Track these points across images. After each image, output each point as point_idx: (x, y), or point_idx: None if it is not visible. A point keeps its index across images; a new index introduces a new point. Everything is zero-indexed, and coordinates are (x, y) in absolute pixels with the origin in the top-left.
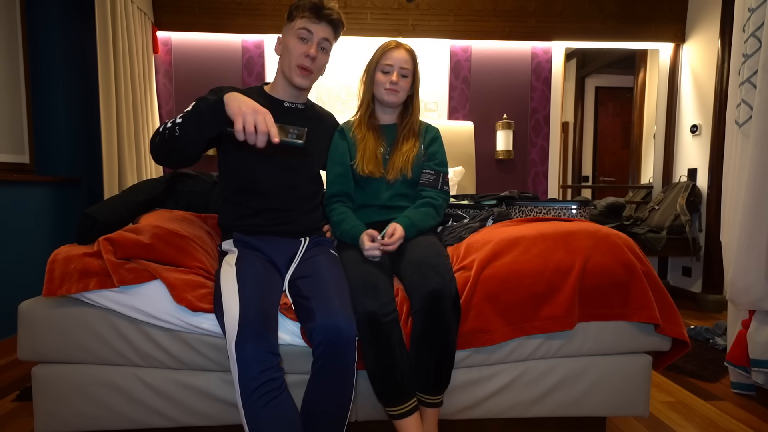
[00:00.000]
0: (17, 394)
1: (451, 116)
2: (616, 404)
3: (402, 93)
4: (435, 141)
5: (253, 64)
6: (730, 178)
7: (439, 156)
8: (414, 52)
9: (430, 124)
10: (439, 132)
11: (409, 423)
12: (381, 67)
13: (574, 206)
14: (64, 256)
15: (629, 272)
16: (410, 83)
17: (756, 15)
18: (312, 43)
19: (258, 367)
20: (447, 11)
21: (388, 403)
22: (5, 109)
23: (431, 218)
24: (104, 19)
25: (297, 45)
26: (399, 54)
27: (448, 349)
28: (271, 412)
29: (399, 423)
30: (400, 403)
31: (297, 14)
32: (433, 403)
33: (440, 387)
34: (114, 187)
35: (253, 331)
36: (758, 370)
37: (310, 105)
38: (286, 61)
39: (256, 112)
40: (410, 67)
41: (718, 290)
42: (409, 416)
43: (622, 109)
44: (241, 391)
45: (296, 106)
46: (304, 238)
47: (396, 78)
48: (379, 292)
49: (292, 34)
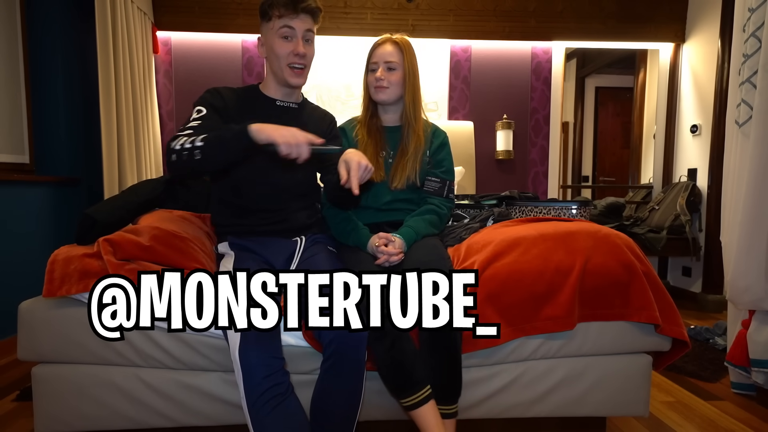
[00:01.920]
0: (17, 394)
1: (451, 116)
2: (616, 404)
3: (392, 88)
4: (443, 148)
5: (253, 64)
6: (730, 178)
7: (446, 164)
8: (405, 43)
9: (438, 127)
10: (447, 137)
11: (424, 412)
12: (369, 66)
13: (574, 206)
14: (64, 257)
15: (629, 272)
16: (401, 77)
17: (756, 15)
18: (297, 39)
19: (263, 372)
20: (447, 11)
21: (401, 395)
22: (5, 109)
23: (434, 227)
24: (104, 19)
25: (282, 45)
26: (383, 48)
27: (455, 354)
28: (277, 417)
29: (415, 413)
30: (412, 393)
31: (273, 12)
32: (447, 413)
33: (453, 394)
34: (114, 187)
35: (256, 337)
36: (758, 370)
37: (304, 103)
38: (275, 63)
39: (295, 137)
40: (397, 59)
41: (718, 290)
42: (423, 405)
43: (622, 109)
44: (246, 397)
45: (289, 105)
46: (300, 237)
47: (381, 74)
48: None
49: (273, 34)
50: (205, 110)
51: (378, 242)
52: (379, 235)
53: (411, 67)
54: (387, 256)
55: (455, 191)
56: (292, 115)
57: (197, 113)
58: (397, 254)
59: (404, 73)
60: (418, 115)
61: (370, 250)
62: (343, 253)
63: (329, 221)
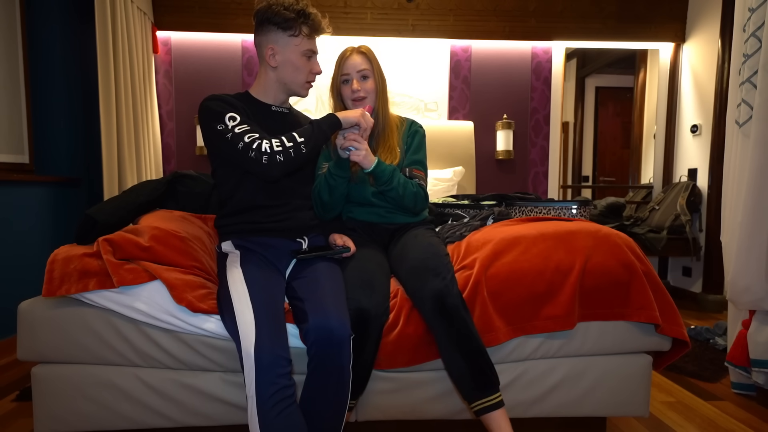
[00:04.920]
0: (17, 394)
1: (451, 116)
2: (616, 404)
3: (370, 96)
4: (413, 136)
5: (253, 64)
6: (731, 178)
7: (417, 156)
8: (368, 50)
9: (414, 122)
10: (422, 129)
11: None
12: (341, 79)
13: (575, 206)
14: (63, 257)
15: (629, 272)
16: (374, 83)
17: (756, 15)
18: (315, 60)
19: (275, 371)
20: (447, 11)
21: (485, 393)
22: (5, 109)
23: (412, 190)
24: (104, 19)
25: (305, 64)
26: (352, 60)
27: (475, 342)
28: (284, 421)
29: (495, 416)
30: (495, 391)
31: (302, 30)
32: (491, 404)
33: (487, 381)
34: (114, 187)
35: (271, 336)
36: (758, 370)
37: (292, 109)
38: (291, 77)
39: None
40: (367, 66)
41: (718, 290)
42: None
43: (622, 109)
44: (257, 396)
45: (282, 110)
46: (303, 238)
47: (357, 85)
48: (374, 290)
49: (296, 51)
50: (239, 116)
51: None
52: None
53: (379, 73)
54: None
55: (455, 191)
56: (287, 119)
57: (232, 120)
58: (362, 146)
59: (375, 80)
60: (387, 114)
61: (339, 146)
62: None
63: (314, 199)
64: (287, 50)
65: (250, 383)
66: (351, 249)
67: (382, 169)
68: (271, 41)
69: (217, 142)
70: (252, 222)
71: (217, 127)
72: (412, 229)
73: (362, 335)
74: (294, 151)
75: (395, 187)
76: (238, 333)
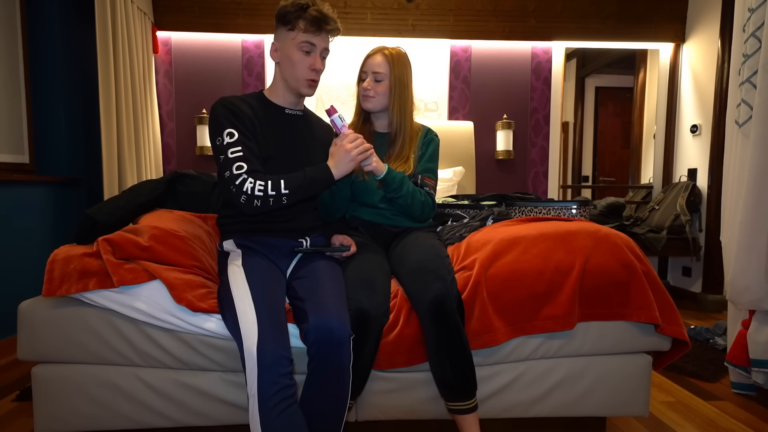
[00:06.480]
0: (17, 394)
1: (451, 116)
2: (616, 404)
3: (378, 98)
4: (429, 145)
5: (253, 64)
6: (730, 178)
7: (429, 164)
8: (395, 54)
9: (430, 129)
10: (437, 138)
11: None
12: (360, 75)
13: (574, 206)
14: (63, 256)
15: (629, 272)
16: (387, 87)
17: (756, 15)
18: (316, 55)
19: (277, 371)
20: (447, 11)
21: (465, 396)
22: (5, 109)
23: (420, 199)
24: (104, 19)
25: (302, 58)
26: (373, 59)
27: (465, 351)
28: (286, 421)
29: (470, 418)
30: (473, 396)
31: (298, 24)
32: (466, 408)
33: (467, 388)
34: (114, 187)
35: (273, 336)
36: (758, 370)
37: (307, 111)
38: (289, 73)
39: (351, 158)
40: (384, 70)
41: (718, 290)
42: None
43: (622, 109)
44: (259, 395)
45: (296, 113)
46: (305, 239)
47: (368, 83)
48: (375, 290)
49: (293, 45)
50: (237, 133)
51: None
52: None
53: (398, 78)
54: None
55: (455, 191)
56: (300, 123)
57: (230, 137)
58: (371, 159)
59: (390, 84)
60: (406, 123)
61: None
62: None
63: (319, 207)
64: (285, 44)
65: (251, 382)
66: (352, 248)
67: (393, 176)
68: (276, 38)
69: (214, 153)
70: (254, 221)
71: (215, 141)
72: (414, 231)
73: (362, 335)
74: (274, 200)
75: (404, 195)
76: (239, 332)
